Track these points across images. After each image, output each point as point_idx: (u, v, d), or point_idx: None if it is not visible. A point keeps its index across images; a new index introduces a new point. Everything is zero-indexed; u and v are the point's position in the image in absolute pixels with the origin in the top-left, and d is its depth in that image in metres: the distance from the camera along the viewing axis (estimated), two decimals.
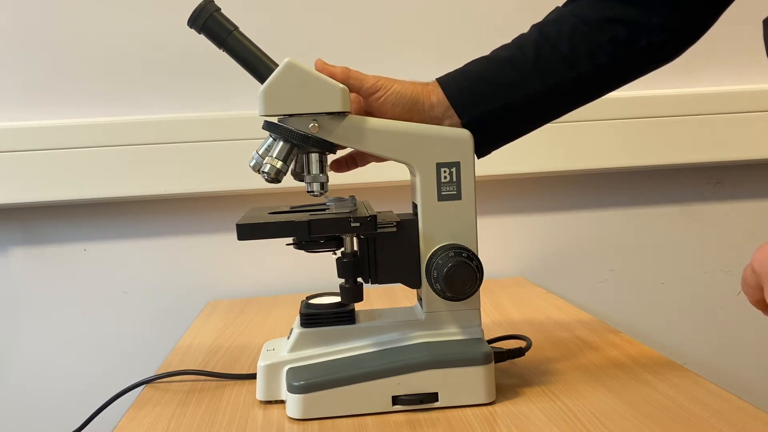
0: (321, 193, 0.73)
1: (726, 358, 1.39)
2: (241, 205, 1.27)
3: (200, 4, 0.71)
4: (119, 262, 1.29)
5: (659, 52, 0.74)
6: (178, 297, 1.30)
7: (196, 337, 1.05)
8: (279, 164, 0.71)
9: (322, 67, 0.73)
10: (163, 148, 1.21)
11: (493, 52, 0.77)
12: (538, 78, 0.73)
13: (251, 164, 0.74)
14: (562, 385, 0.77)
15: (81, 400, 1.27)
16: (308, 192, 0.73)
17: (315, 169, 0.72)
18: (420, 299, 0.77)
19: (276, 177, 0.71)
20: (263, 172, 0.71)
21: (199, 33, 0.72)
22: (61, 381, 1.29)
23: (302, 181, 0.75)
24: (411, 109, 0.74)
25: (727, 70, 1.32)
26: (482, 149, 0.77)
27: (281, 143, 0.72)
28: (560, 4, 0.78)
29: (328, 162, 0.76)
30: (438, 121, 0.75)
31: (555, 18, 0.76)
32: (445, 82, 0.75)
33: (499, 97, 0.74)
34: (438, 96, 0.75)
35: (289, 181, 0.74)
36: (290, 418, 0.72)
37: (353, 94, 0.75)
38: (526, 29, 0.77)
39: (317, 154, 0.73)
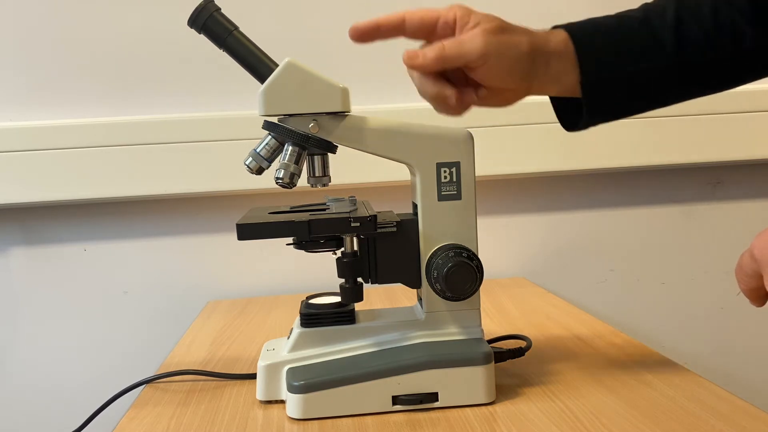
0: (288, 185, 0.71)
1: (726, 358, 1.39)
2: (241, 205, 1.27)
3: (200, 4, 0.71)
4: (119, 262, 1.29)
5: None
6: (178, 297, 1.30)
7: (196, 337, 1.05)
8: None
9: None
10: (163, 148, 1.21)
11: (623, 12, 0.69)
12: (675, 51, 0.66)
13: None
14: (562, 385, 0.76)
15: (81, 400, 1.27)
16: (276, 180, 0.71)
17: (287, 158, 0.71)
18: (420, 299, 0.77)
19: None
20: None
21: (199, 33, 0.72)
22: (61, 381, 1.29)
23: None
24: (526, 76, 0.66)
25: None
26: (577, 122, 0.70)
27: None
28: None
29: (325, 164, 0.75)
30: (548, 84, 0.67)
31: None
32: (577, 36, 0.67)
33: (629, 63, 0.66)
34: (563, 57, 0.66)
35: None
36: (290, 418, 0.72)
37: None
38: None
39: (296, 148, 0.71)
